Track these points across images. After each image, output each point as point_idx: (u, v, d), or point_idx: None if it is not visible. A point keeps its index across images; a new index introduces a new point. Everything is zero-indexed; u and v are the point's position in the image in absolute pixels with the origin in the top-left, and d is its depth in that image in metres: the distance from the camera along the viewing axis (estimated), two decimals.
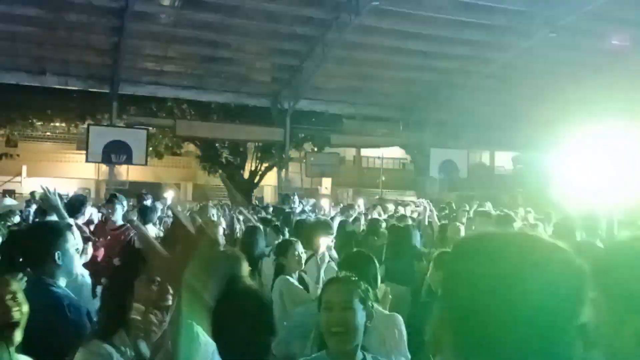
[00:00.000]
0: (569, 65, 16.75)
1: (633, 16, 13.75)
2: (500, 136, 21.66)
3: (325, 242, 4.43)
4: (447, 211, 10.78)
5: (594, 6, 12.69)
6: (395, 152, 29.69)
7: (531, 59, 15.94)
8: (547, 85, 17.86)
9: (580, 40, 15.06)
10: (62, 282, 2.88)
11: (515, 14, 13.81)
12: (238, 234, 6.78)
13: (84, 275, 3.60)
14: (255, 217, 8.12)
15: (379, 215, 10.16)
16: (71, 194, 9.41)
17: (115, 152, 16.61)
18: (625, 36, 14.83)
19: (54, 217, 4.18)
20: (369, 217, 9.39)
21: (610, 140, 14.34)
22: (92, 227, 6.48)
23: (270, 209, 11.62)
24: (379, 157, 29.67)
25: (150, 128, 19.11)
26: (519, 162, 23.90)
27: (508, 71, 17.31)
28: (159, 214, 8.10)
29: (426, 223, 8.14)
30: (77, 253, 3.16)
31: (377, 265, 3.44)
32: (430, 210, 8.32)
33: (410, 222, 7.72)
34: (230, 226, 7.20)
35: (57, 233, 2.98)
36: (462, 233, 6.03)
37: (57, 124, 25.95)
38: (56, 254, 2.82)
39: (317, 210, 11.27)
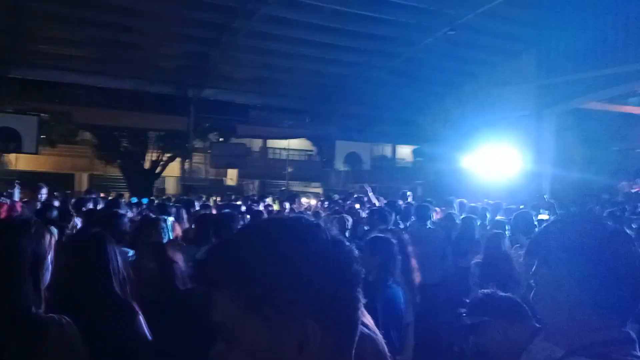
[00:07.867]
0: (467, 62, 17.66)
1: (526, 16, 14.74)
2: (402, 130, 22.47)
3: None
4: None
5: (491, 6, 13.47)
6: (301, 144, 29.89)
7: (432, 55, 16.64)
8: (447, 81, 18.75)
9: (476, 38, 15.90)
10: None
11: (419, 11, 14.30)
12: None
13: None
14: None
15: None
16: None
17: (3, 139, 15.51)
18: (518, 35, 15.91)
19: None
20: None
21: (502, 134, 15.36)
22: None
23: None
24: (285, 149, 29.69)
25: (42, 114, 17.86)
26: (419, 155, 24.86)
27: (411, 66, 17.94)
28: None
29: None
30: None
31: None
32: None
33: None
34: None
35: None
36: None
37: None
38: None
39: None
